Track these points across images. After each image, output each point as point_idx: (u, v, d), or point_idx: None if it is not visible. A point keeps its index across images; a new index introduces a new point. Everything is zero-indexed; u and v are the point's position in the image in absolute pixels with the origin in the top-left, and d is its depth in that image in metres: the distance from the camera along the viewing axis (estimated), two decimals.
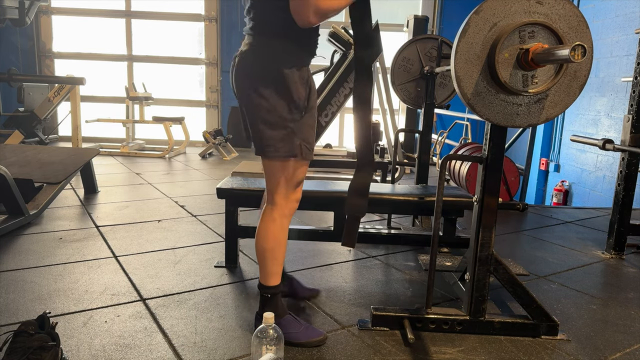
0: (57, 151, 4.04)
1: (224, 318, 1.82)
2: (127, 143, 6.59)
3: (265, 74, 1.49)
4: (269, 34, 1.51)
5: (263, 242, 1.61)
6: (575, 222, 3.56)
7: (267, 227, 1.61)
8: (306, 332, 1.66)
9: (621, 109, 4.93)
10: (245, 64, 1.52)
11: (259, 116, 1.51)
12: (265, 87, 1.48)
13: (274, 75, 1.48)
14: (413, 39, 2.96)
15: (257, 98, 1.49)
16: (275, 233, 1.61)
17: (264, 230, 1.61)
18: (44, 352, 1.36)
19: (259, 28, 1.52)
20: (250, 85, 1.50)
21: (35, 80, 6.43)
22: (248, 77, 1.52)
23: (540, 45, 1.43)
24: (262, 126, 1.51)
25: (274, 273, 1.63)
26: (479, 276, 1.73)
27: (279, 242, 1.61)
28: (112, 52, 7.50)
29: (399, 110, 6.86)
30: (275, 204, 1.61)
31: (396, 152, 3.32)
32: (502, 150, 1.67)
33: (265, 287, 1.63)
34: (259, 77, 1.49)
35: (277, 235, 1.61)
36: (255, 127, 1.53)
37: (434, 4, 7.21)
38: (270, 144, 1.52)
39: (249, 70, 1.52)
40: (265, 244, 1.61)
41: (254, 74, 1.50)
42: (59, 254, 2.45)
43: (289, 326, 1.64)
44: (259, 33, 1.52)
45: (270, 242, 1.60)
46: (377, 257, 2.59)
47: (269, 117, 1.50)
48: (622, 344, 1.75)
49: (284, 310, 1.67)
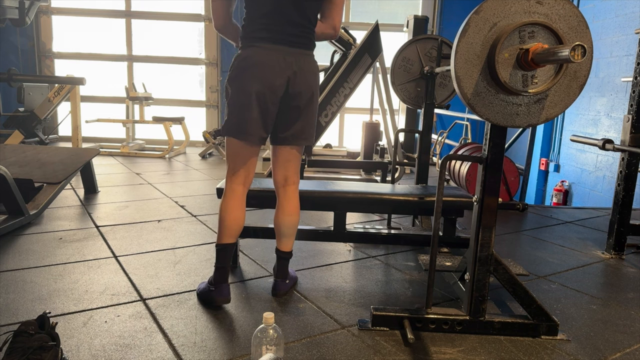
0: (57, 151, 4.04)
1: (224, 318, 1.82)
2: (127, 143, 6.59)
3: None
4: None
5: (295, 217, 2.00)
6: (575, 222, 3.56)
7: (295, 203, 2.00)
8: (293, 275, 2.16)
9: (621, 109, 4.93)
10: (314, 66, 1.91)
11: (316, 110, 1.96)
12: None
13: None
14: (413, 39, 2.96)
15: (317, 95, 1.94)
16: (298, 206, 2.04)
17: (297, 206, 2.01)
18: (44, 352, 1.36)
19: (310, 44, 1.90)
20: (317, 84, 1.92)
21: (35, 80, 6.43)
22: (316, 77, 1.92)
23: (540, 46, 1.43)
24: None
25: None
26: (479, 276, 1.73)
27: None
28: (112, 52, 7.49)
29: (399, 110, 6.86)
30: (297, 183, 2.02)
31: (396, 152, 3.32)
32: (502, 150, 1.68)
33: (291, 252, 2.07)
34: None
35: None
36: (315, 119, 1.96)
37: (434, 4, 7.21)
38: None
39: (316, 71, 1.92)
40: (297, 218, 2.01)
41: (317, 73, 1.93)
42: (59, 254, 2.45)
43: (291, 274, 2.11)
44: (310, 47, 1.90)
45: (298, 213, 2.02)
46: (377, 257, 2.59)
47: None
48: (622, 344, 1.75)
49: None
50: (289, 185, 1.98)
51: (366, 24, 6.43)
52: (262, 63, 1.77)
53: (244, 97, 1.78)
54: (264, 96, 1.78)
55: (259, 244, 2.66)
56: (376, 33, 4.56)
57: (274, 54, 1.78)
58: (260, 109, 1.79)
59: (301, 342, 1.67)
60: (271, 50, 1.78)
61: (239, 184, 1.91)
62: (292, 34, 1.79)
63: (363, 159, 5.23)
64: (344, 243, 2.76)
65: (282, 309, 1.90)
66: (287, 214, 1.98)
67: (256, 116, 1.79)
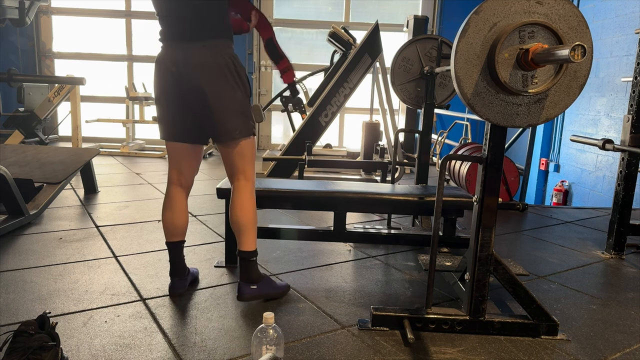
0: (57, 151, 4.03)
1: (224, 318, 1.82)
2: (127, 143, 6.58)
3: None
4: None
5: (252, 213, 1.93)
6: (575, 222, 3.56)
7: (244, 200, 1.91)
8: (278, 287, 2.01)
9: (621, 109, 4.93)
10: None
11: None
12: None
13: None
14: (413, 39, 2.96)
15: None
16: (252, 203, 1.94)
17: (243, 204, 1.91)
18: (44, 352, 1.36)
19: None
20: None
21: (35, 80, 6.42)
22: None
23: (540, 46, 1.43)
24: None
25: (254, 239, 1.96)
26: (479, 276, 1.73)
27: (254, 210, 1.96)
28: (112, 52, 7.49)
29: (399, 110, 6.86)
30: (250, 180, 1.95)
31: (396, 152, 3.32)
32: (502, 150, 1.67)
33: (252, 252, 1.94)
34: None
35: (253, 204, 1.94)
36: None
37: (434, 4, 7.21)
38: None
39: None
40: (246, 216, 1.91)
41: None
42: (59, 254, 2.45)
43: (269, 284, 1.97)
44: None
45: (250, 212, 1.92)
46: (377, 257, 2.59)
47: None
48: (622, 344, 1.75)
49: (260, 272, 1.99)
50: (235, 182, 1.94)
51: (366, 24, 6.43)
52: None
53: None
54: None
55: (259, 243, 2.63)
56: (376, 33, 4.56)
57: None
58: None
59: (301, 342, 1.67)
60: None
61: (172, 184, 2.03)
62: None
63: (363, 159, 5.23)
64: (344, 243, 2.76)
65: (282, 309, 1.90)
66: (232, 208, 1.93)
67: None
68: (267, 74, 7.38)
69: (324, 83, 4.84)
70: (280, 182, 2.54)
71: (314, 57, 7.28)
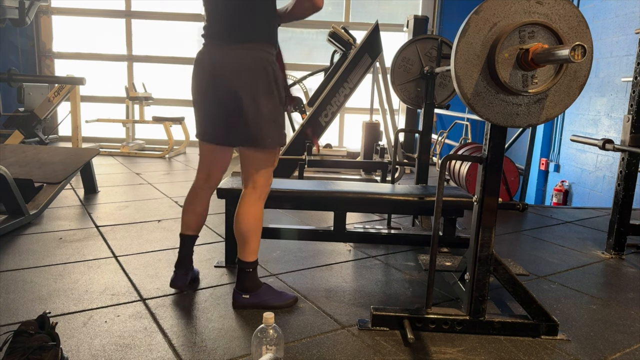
0: (57, 151, 4.04)
1: (224, 318, 1.82)
2: (127, 143, 6.59)
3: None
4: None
5: (252, 222, 1.84)
6: (575, 222, 3.56)
7: (248, 210, 1.84)
8: (280, 297, 1.93)
9: (621, 109, 4.93)
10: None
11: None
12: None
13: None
14: (413, 39, 2.96)
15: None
16: (256, 214, 1.86)
17: (248, 212, 1.84)
18: (44, 352, 1.36)
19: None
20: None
21: (35, 80, 6.42)
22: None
23: (540, 46, 1.43)
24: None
25: (255, 250, 1.88)
26: (479, 276, 1.73)
27: (259, 221, 1.87)
28: (112, 52, 7.50)
29: (399, 110, 6.86)
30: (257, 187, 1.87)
31: (396, 152, 3.32)
32: (502, 150, 1.68)
33: (249, 262, 1.87)
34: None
35: (258, 215, 1.86)
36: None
37: (434, 4, 7.21)
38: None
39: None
40: (248, 225, 1.84)
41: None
42: (59, 254, 2.45)
43: (267, 293, 1.91)
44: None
45: (253, 222, 1.84)
46: (377, 257, 2.59)
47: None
48: (622, 344, 1.75)
49: (260, 282, 1.93)
50: (244, 189, 1.89)
51: (366, 24, 6.43)
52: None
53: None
54: None
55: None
56: (376, 33, 4.56)
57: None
58: None
59: (301, 342, 1.67)
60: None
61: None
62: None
63: (363, 159, 5.23)
64: (344, 243, 2.76)
65: (282, 309, 1.90)
66: (235, 214, 1.88)
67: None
68: None
69: (324, 83, 4.84)
70: (280, 182, 2.53)
71: (314, 57, 7.28)
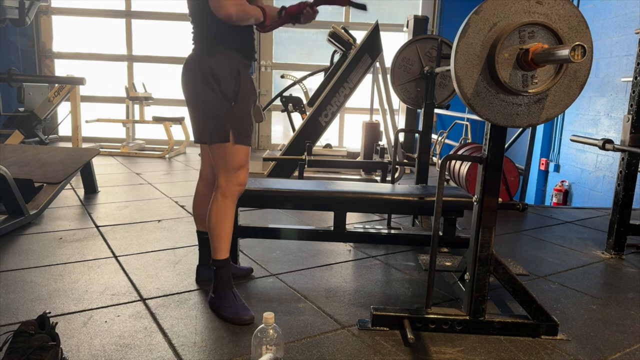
0: (57, 151, 4.03)
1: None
2: (127, 143, 6.58)
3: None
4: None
5: (212, 220, 1.82)
6: (575, 222, 3.56)
7: (211, 206, 1.83)
8: (236, 309, 1.80)
9: (621, 109, 4.93)
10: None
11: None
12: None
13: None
14: (413, 39, 2.96)
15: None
16: (217, 211, 1.81)
17: (209, 209, 1.83)
18: (44, 352, 1.36)
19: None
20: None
21: (35, 80, 6.42)
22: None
23: (540, 46, 1.43)
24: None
25: (219, 249, 1.83)
26: (479, 276, 1.73)
27: (220, 219, 1.81)
28: (112, 52, 7.49)
29: (399, 110, 6.86)
30: (219, 186, 1.83)
31: (396, 152, 3.31)
32: (502, 150, 1.68)
33: (214, 260, 1.85)
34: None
35: (218, 213, 1.81)
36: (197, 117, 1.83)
37: (434, 4, 7.21)
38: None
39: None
40: (209, 222, 1.83)
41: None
42: (59, 254, 2.45)
43: (224, 299, 1.83)
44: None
45: (213, 219, 1.81)
46: (377, 257, 2.59)
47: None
48: (622, 344, 1.75)
49: (229, 284, 1.86)
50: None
51: (366, 24, 6.42)
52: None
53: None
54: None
55: (259, 243, 2.66)
56: (376, 33, 4.56)
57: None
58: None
59: (301, 342, 1.67)
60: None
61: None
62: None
63: (363, 159, 5.23)
64: (344, 243, 2.76)
65: (282, 309, 1.90)
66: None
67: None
68: (267, 74, 7.39)
69: (324, 83, 4.84)
70: (280, 182, 2.53)
71: (314, 57, 7.27)
